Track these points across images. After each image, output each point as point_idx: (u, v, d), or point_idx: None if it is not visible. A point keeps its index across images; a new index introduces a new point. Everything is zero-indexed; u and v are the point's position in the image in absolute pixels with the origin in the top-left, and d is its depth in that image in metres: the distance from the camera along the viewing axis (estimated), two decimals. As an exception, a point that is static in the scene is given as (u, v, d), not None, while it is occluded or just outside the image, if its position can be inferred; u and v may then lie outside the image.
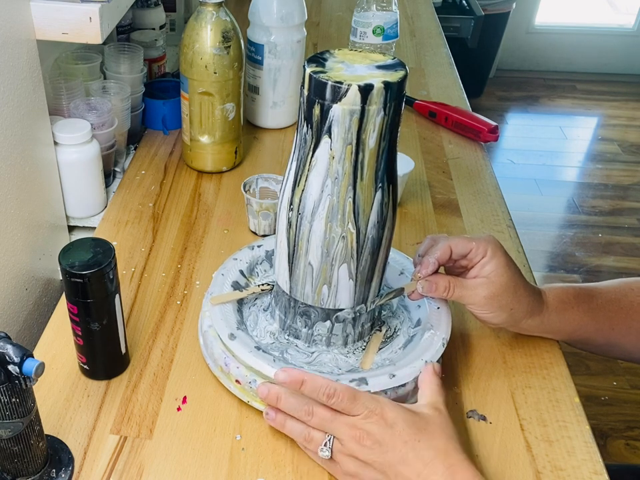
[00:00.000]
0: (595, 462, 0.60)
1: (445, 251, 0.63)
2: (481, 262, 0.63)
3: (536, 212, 2.43)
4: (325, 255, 0.59)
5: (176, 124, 1.06)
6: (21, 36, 0.71)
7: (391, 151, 0.56)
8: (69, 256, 0.58)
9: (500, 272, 0.62)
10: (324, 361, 0.65)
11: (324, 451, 0.55)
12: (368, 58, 0.55)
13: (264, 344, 0.66)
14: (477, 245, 0.62)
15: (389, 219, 0.59)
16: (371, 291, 0.63)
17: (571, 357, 1.79)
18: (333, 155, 0.54)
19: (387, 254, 0.62)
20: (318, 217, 0.57)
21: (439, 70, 1.40)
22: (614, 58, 3.47)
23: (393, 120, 0.54)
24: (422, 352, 0.62)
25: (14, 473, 0.54)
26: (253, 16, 1.03)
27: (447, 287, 0.63)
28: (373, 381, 0.59)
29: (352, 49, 0.58)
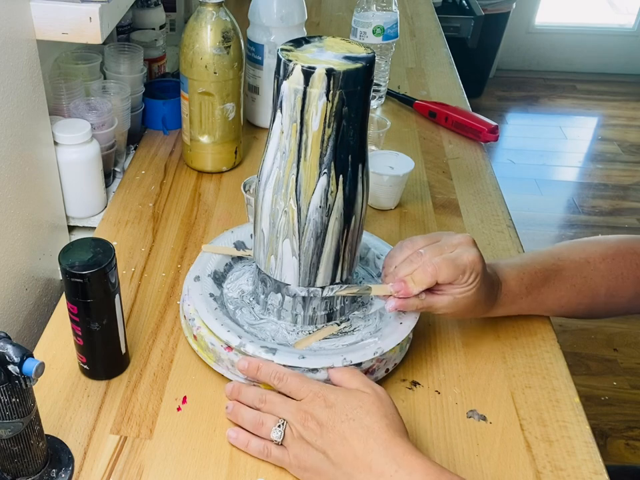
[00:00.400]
0: (594, 462, 0.61)
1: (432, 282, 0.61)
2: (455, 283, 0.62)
3: (536, 212, 2.43)
4: (272, 225, 0.62)
5: (176, 124, 1.06)
6: (21, 36, 0.71)
7: (340, 140, 0.57)
8: (69, 256, 0.58)
9: (468, 295, 0.63)
10: (265, 328, 0.67)
11: (277, 432, 0.57)
12: (347, 48, 0.57)
13: (228, 296, 0.71)
14: (463, 275, 0.61)
15: (338, 210, 0.60)
16: (319, 276, 0.64)
17: (571, 357, 1.80)
18: (282, 130, 0.58)
19: (339, 245, 0.62)
20: (268, 188, 0.61)
21: (439, 70, 1.40)
22: (614, 58, 3.47)
23: (339, 109, 0.55)
24: (347, 352, 0.62)
25: (14, 473, 0.54)
26: (253, 16, 1.03)
27: (418, 308, 0.64)
28: (282, 354, 0.61)
29: (346, 39, 0.59)
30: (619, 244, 0.73)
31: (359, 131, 0.58)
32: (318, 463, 0.55)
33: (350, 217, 0.61)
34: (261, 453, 0.58)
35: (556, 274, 0.70)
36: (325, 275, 0.64)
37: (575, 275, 0.71)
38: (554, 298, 0.71)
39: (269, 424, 0.58)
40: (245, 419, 0.60)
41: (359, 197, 0.61)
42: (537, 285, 0.69)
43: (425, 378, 0.68)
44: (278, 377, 0.59)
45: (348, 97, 0.55)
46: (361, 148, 0.59)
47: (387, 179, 0.90)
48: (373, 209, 0.94)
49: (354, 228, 0.62)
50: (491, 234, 0.90)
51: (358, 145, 0.59)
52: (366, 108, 0.58)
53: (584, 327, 1.93)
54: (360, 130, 0.58)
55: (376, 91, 1.20)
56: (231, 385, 0.63)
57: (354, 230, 0.63)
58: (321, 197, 0.59)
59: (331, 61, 0.55)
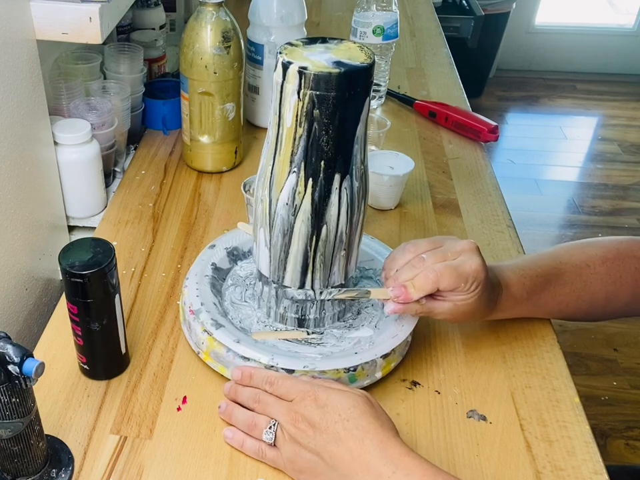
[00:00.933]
0: (594, 462, 0.60)
1: (433, 288, 0.61)
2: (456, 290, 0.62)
3: (536, 212, 2.43)
4: (255, 211, 0.64)
5: (176, 124, 1.06)
6: (21, 36, 0.71)
7: (311, 142, 0.57)
8: (69, 256, 0.58)
9: (469, 302, 0.62)
10: (241, 311, 0.70)
11: (268, 434, 0.57)
12: (350, 55, 0.57)
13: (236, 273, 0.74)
14: (465, 283, 0.61)
15: (304, 213, 0.60)
16: (286, 275, 0.64)
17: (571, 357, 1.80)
18: (270, 120, 0.59)
19: (307, 250, 0.62)
20: (258, 175, 0.63)
21: (439, 70, 1.40)
22: (614, 58, 3.47)
23: (309, 110, 0.55)
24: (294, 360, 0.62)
25: (14, 473, 0.54)
26: (253, 16, 1.03)
27: (417, 312, 0.64)
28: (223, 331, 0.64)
29: (361, 46, 0.59)
30: (619, 246, 0.73)
31: (335, 140, 0.56)
32: (312, 465, 0.55)
33: (320, 225, 0.60)
34: (256, 454, 0.58)
35: (557, 278, 0.70)
36: (293, 276, 0.64)
37: (575, 279, 0.71)
38: (554, 303, 0.71)
39: (261, 425, 0.58)
40: (239, 419, 0.60)
41: (333, 208, 0.60)
42: (538, 290, 0.69)
43: (425, 378, 0.68)
44: (269, 382, 0.59)
45: (319, 99, 0.54)
46: (340, 158, 0.58)
47: (387, 179, 0.90)
48: (373, 209, 0.94)
49: (326, 239, 0.61)
50: (491, 234, 0.90)
51: (334, 154, 0.57)
52: (347, 117, 0.56)
53: (584, 327, 1.92)
54: (337, 139, 0.56)
55: (376, 91, 1.20)
56: (229, 384, 0.63)
57: (326, 241, 0.61)
58: (288, 194, 0.59)
59: (318, 62, 0.55)
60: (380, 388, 0.66)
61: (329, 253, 0.63)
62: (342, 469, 0.53)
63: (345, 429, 0.53)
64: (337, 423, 0.54)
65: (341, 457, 0.53)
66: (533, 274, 0.69)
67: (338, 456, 0.53)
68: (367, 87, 0.57)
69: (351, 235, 0.63)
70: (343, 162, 0.58)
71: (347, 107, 0.56)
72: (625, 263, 0.72)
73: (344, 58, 0.56)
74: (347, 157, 0.58)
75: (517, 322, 0.75)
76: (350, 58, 0.56)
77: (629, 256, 0.72)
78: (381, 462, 0.52)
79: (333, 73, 0.53)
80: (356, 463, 0.52)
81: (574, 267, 0.71)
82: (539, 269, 0.70)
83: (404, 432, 0.62)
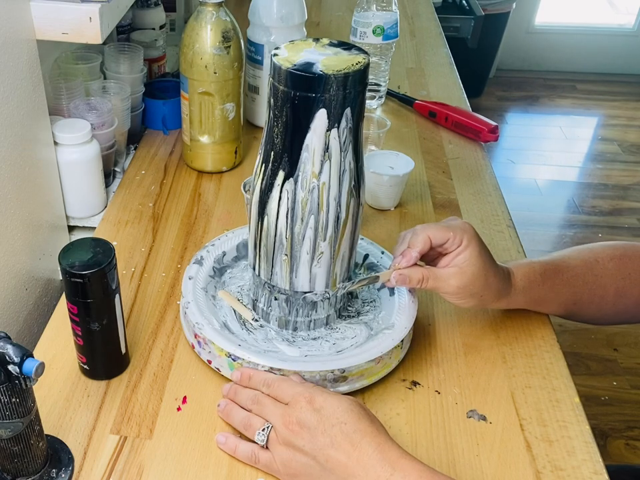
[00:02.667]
0: (594, 462, 0.60)
1: (426, 242, 0.65)
2: (455, 251, 0.64)
3: (536, 212, 2.43)
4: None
5: (176, 124, 1.06)
6: (21, 36, 0.71)
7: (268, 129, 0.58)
8: (69, 256, 0.58)
9: (472, 261, 0.64)
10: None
11: (261, 435, 0.57)
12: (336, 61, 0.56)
13: None
14: (454, 234, 0.64)
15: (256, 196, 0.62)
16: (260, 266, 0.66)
17: (571, 357, 1.80)
18: None
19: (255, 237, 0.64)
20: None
21: (439, 70, 1.40)
22: (614, 58, 3.47)
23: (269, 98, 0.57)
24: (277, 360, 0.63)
25: (14, 473, 0.54)
26: (253, 16, 1.03)
27: (420, 280, 0.65)
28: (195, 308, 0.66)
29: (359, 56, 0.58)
30: (625, 247, 0.74)
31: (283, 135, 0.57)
32: (307, 469, 0.54)
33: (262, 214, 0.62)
34: (249, 459, 0.58)
35: (567, 269, 0.71)
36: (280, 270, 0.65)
37: (586, 272, 0.71)
38: (568, 292, 0.71)
39: (256, 425, 0.57)
40: (236, 418, 0.60)
41: (273, 203, 0.60)
42: (550, 275, 0.70)
43: (425, 378, 0.68)
44: (267, 384, 0.59)
45: (273, 88, 0.56)
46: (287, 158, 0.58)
47: (387, 179, 0.90)
48: (373, 209, 0.94)
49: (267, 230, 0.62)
50: (491, 234, 0.90)
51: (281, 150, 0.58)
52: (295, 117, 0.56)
53: (584, 326, 1.92)
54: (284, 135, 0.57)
55: (376, 91, 1.20)
56: (228, 385, 0.63)
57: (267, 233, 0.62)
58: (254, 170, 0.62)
59: (294, 57, 0.56)
60: (380, 388, 0.66)
61: (270, 248, 0.63)
62: (338, 473, 0.53)
63: (343, 433, 0.53)
64: (334, 426, 0.54)
65: (337, 461, 0.53)
66: (541, 262, 0.71)
67: (334, 459, 0.53)
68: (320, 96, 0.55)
69: (292, 241, 0.62)
70: (288, 163, 0.58)
71: (296, 106, 0.56)
72: (632, 262, 0.72)
73: (323, 62, 0.55)
74: (293, 159, 0.58)
75: (517, 322, 0.75)
76: (326, 65, 0.55)
77: (636, 256, 0.73)
78: (378, 464, 0.52)
79: (284, 67, 0.54)
80: (353, 466, 0.52)
81: (584, 262, 0.72)
82: (547, 259, 0.71)
83: (404, 432, 0.62)
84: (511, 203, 0.98)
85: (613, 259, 0.72)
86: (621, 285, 0.72)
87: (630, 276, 0.72)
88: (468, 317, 0.75)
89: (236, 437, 0.59)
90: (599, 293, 0.72)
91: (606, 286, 0.71)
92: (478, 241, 0.65)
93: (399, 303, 0.69)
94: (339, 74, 0.54)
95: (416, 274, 0.65)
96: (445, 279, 0.65)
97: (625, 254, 0.73)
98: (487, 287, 0.65)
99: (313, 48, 0.58)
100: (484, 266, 0.65)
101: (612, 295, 0.72)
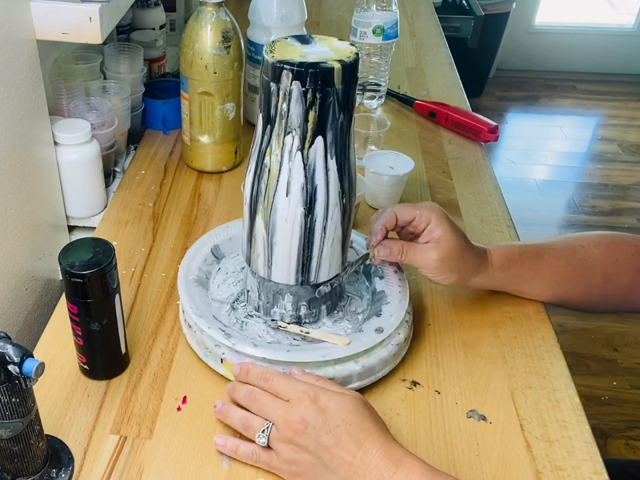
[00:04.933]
0: (594, 462, 0.60)
1: (391, 217, 0.67)
2: (428, 228, 0.67)
3: (536, 212, 2.43)
4: None
5: (176, 124, 1.06)
6: (21, 36, 0.71)
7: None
8: (69, 256, 0.58)
9: (447, 237, 0.66)
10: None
11: (261, 437, 0.56)
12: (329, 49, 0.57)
13: None
14: (420, 212, 0.67)
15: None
16: None
17: (571, 357, 1.80)
18: None
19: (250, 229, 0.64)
20: None
21: (439, 70, 1.40)
22: (614, 58, 3.47)
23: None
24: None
25: (14, 472, 0.54)
26: (253, 16, 1.03)
27: (400, 250, 0.67)
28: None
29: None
30: (614, 235, 0.75)
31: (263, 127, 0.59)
32: (311, 468, 0.54)
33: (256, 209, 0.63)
34: (249, 459, 0.58)
35: (550, 250, 0.72)
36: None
37: (571, 255, 0.72)
38: (550, 272, 0.72)
39: (255, 427, 0.57)
40: (234, 419, 0.59)
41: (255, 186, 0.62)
42: (530, 256, 0.71)
43: (425, 378, 0.68)
44: (264, 378, 0.59)
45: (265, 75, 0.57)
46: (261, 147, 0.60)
47: (387, 179, 0.90)
48: (373, 209, 0.94)
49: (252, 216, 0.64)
50: (491, 234, 0.90)
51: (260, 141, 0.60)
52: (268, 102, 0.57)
53: (584, 327, 1.93)
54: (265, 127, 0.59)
55: (376, 91, 1.20)
56: (231, 384, 0.63)
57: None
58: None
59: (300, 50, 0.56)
60: (380, 388, 0.66)
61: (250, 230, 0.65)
62: (342, 472, 0.53)
63: (348, 433, 0.53)
64: (340, 426, 0.54)
65: (342, 460, 0.53)
66: (522, 244, 0.73)
67: (339, 459, 0.53)
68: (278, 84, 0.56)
69: None
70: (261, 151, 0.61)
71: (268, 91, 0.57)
72: (620, 249, 0.73)
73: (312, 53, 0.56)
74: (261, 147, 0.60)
75: (517, 322, 0.75)
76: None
77: (625, 243, 0.73)
78: (382, 463, 0.52)
79: (268, 57, 0.55)
80: (357, 465, 0.52)
81: (568, 246, 0.73)
82: (528, 243, 0.74)
83: (404, 432, 0.62)
84: (510, 203, 0.98)
85: (600, 245, 0.73)
86: (609, 270, 0.72)
87: (618, 261, 0.72)
88: (468, 317, 0.75)
89: (235, 438, 0.59)
90: (586, 277, 0.72)
91: (592, 270, 0.72)
92: (448, 219, 0.67)
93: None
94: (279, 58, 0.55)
95: (395, 245, 0.67)
96: (423, 251, 0.67)
97: (613, 241, 0.73)
98: (464, 261, 0.68)
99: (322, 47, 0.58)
100: (459, 241, 0.67)
101: (599, 280, 0.72)
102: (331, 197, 0.60)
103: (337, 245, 0.64)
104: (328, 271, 0.65)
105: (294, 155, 0.58)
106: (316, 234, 0.62)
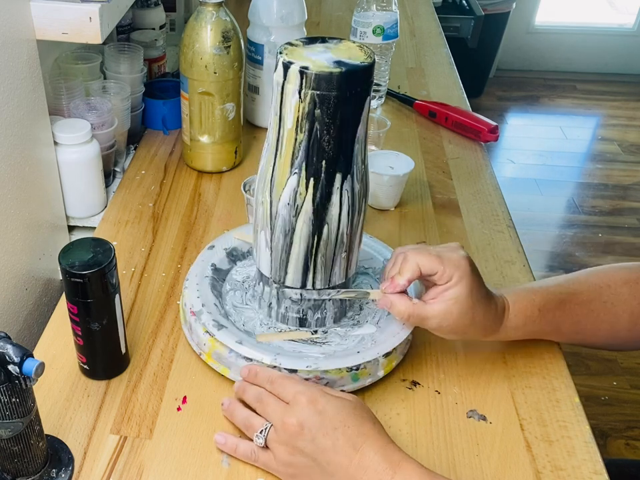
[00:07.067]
0: (594, 462, 0.61)
1: (415, 271, 0.61)
2: (444, 285, 0.61)
3: (536, 212, 2.43)
4: (256, 213, 0.64)
5: (176, 124, 1.06)
6: (21, 36, 0.71)
7: (312, 143, 0.57)
8: (69, 256, 0.58)
9: (460, 300, 0.61)
10: (244, 313, 0.70)
11: (259, 438, 0.56)
12: (350, 54, 0.56)
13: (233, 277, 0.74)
14: (443, 269, 0.61)
15: (306, 213, 0.60)
16: (288, 275, 0.64)
17: (571, 357, 1.80)
18: (270, 121, 0.59)
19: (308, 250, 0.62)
20: (258, 177, 0.63)
21: (439, 70, 1.40)
22: (614, 58, 3.47)
23: (311, 110, 0.55)
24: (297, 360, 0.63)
25: (14, 472, 0.54)
26: (253, 16, 1.03)
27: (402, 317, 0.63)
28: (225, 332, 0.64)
29: (360, 45, 0.59)
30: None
31: (337, 139, 0.56)
32: (307, 470, 0.54)
33: (321, 225, 0.60)
34: (248, 458, 0.58)
35: (572, 297, 0.67)
36: (295, 277, 0.64)
37: (594, 299, 0.67)
38: (569, 322, 0.67)
39: (255, 426, 0.57)
40: (238, 418, 0.60)
41: (334, 209, 0.60)
42: (551, 308, 0.66)
43: (424, 378, 0.68)
44: (270, 380, 0.59)
45: (320, 99, 0.54)
46: (342, 158, 0.58)
47: (387, 179, 0.90)
48: (373, 209, 0.94)
49: (327, 239, 0.61)
50: (491, 234, 0.90)
51: (335, 154, 0.57)
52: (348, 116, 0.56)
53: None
54: (339, 139, 0.56)
55: (376, 91, 1.20)
56: (238, 383, 0.62)
57: (327, 241, 0.61)
58: (289, 196, 0.59)
59: (319, 62, 0.54)
60: (380, 388, 0.66)
61: (330, 253, 0.63)
62: (339, 475, 0.53)
63: (345, 436, 0.53)
64: (337, 429, 0.53)
65: (339, 464, 0.53)
66: (544, 292, 0.66)
67: (336, 463, 0.53)
68: (367, 86, 0.57)
69: (351, 235, 0.63)
70: (344, 162, 0.58)
71: (348, 106, 0.56)
72: None
73: (344, 57, 0.56)
74: (348, 157, 0.58)
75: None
76: (350, 57, 0.56)
77: None
78: (380, 467, 0.52)
79: (335, 72, 0.53)
80: (354, 469, 0.52)
81: (592, 286, 0.68)
82: (551, 288, 0.67)
83: (404, 432, 0.62)
84: (510, 203, 0.98)
85: (628, 282, 0.68)
86: (637, 310, 0.67)
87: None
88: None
89: (235, 437, 0.59)
90: (608, 320, 0.67)
91: (617, 313, 0.67)
92: (470, 278, 0.61)
93: None
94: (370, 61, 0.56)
95: (401, 306, 0.62)
96: (429, 317, 0.62)
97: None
98: (472, 325, 0.63)
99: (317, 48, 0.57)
100: (472, 305, 0.61)
101: (626, 322, 0.67)
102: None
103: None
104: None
105: None
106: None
